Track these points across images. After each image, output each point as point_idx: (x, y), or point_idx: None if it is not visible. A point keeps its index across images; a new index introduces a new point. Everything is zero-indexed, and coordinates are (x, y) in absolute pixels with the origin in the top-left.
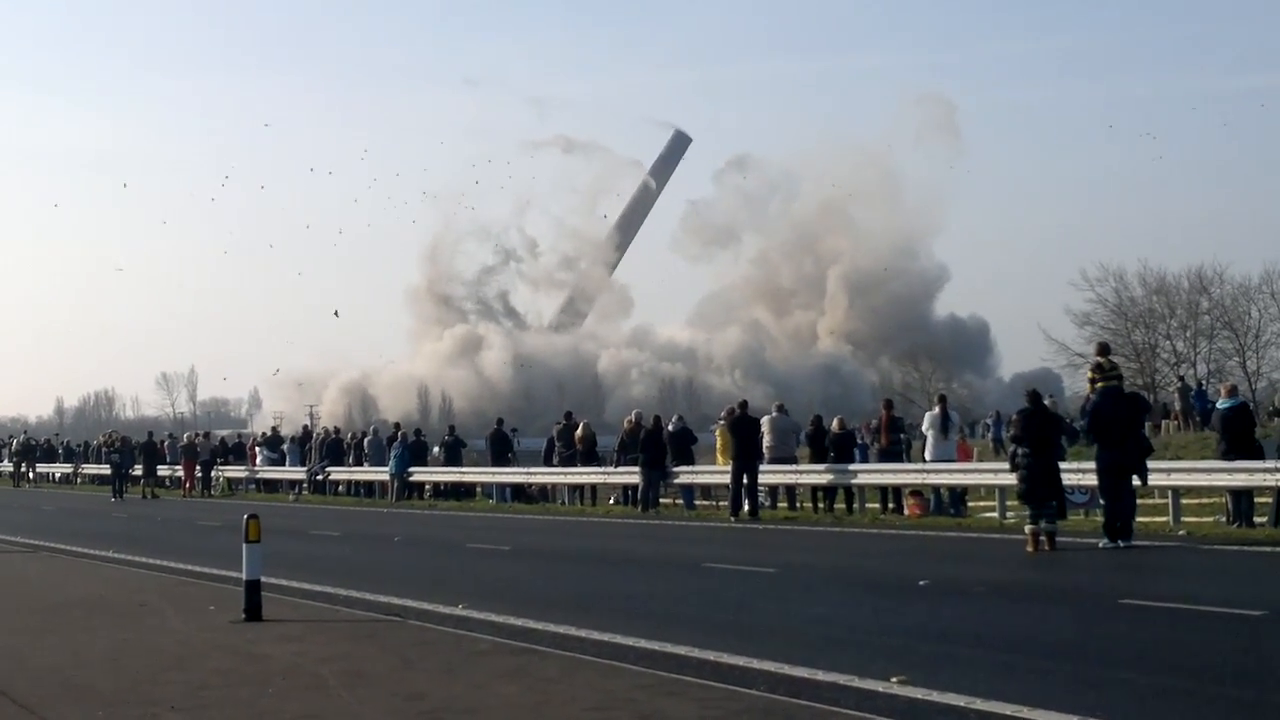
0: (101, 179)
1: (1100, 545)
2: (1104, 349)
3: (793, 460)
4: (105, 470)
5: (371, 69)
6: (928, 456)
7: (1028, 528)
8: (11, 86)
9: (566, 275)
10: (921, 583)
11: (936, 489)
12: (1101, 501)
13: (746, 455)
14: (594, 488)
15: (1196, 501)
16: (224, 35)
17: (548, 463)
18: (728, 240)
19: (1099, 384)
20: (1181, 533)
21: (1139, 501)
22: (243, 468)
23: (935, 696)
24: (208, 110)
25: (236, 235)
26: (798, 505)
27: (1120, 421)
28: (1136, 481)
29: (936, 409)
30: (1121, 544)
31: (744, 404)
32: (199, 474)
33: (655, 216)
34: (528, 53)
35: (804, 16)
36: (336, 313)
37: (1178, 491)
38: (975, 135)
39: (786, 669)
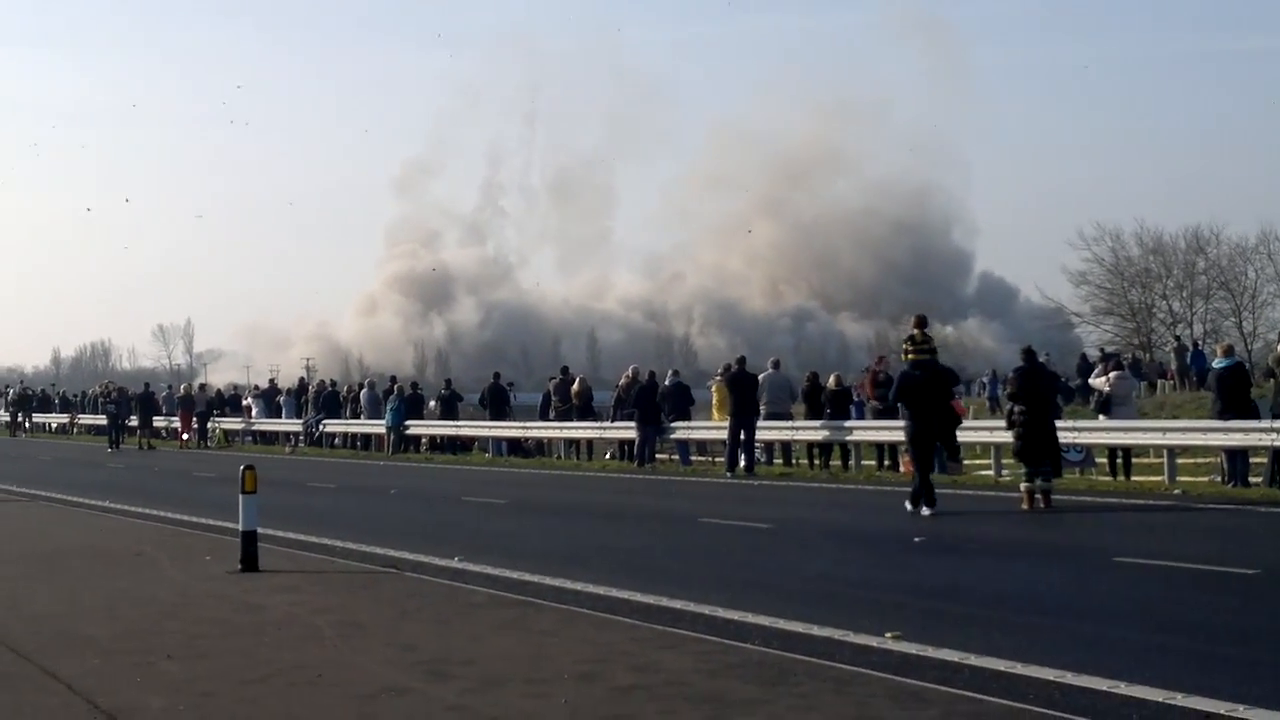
0: (98, 128)
1: (917, 512)
2: (921, 321)
3: (788, 417)
4: (101, 421)
5: (352, 23)
6: None
7: (1023, 485)
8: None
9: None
10: (916, 539)
11: None
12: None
13: (745, 411)
14: (590, 442)
15: (1192, 461)
16: None
17: (544, 417)
18: (707, 199)
19: (910, 356)
20: (1177, 492)
21: (1134, 460)
22: (239, 419)
23: (929, 652)
24: (197, 59)
25: (231, 185)
26: (794, 462)
27: (927, 394)
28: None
29: None
30: (926, 511)
31: (742, 360)
32: (195, 425)
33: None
34: (509, 8)
35: None
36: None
37: (1173, 451)
38: (972, 92)
39: (781, 623)
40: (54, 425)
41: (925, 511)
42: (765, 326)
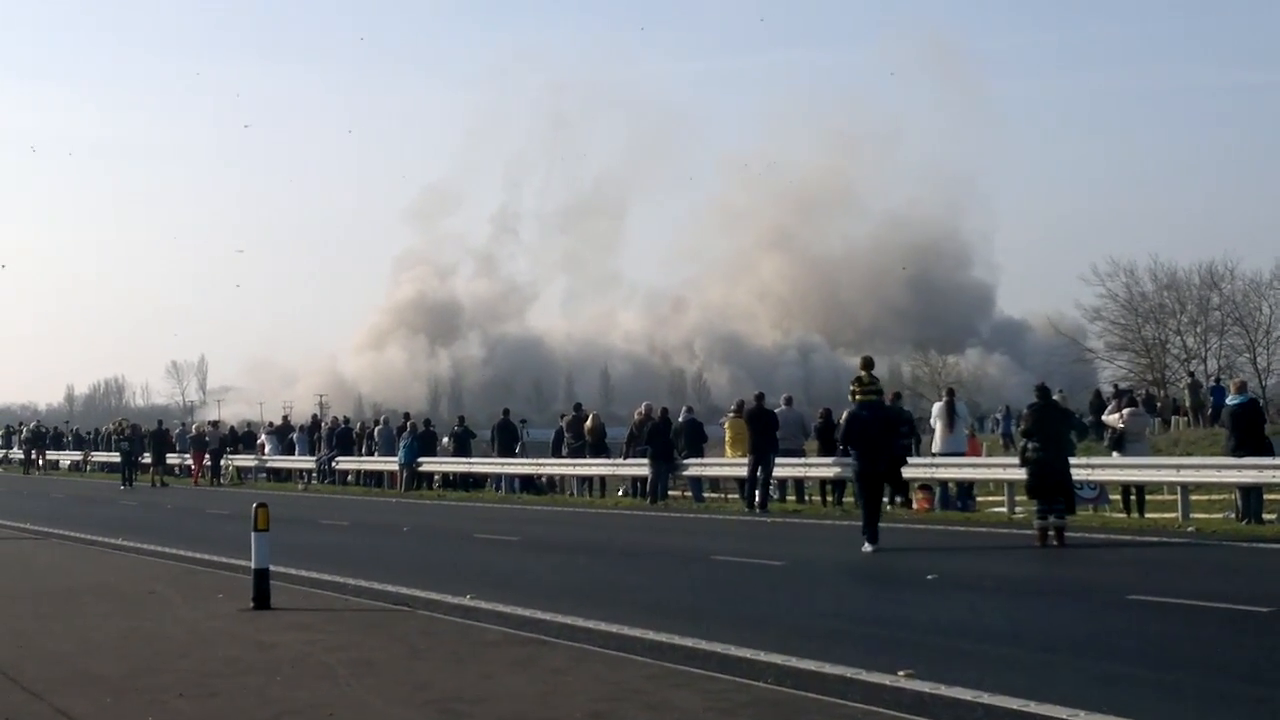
0: (110, 166)
1: (864, 550)
2: (867, 363)
3: (801, 453)
4: (115, 458)
5: (371, 60)
6: (935, 449)
7: (1036, 523)
8: (13, 74)
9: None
10: (929, 577)
11: (945, 483)
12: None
13: (764, 447)
14: (603, 479)
15: (1206, 498)
16: (233, 22)
17: (556, 454)
18: (718, 233)
19: (858, 397)
20: (1190, 529)
21: (1148, 497)
22: (252, 456)
23: (942, 690)
24: (207, 94)
25: (247, 223)
26: (806, 498)
27: (875, 434)
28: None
29: (943, 402)
30: (868, 548)
31: (760, 396)
32: (208, 462)
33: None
34: (529, 47)
35: (816, 7)
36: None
37: (1187, 488)
38: (986, 126)
39: (794, 662)
40: (68, 463)
41: (867, 548)
42: (770, 360)
